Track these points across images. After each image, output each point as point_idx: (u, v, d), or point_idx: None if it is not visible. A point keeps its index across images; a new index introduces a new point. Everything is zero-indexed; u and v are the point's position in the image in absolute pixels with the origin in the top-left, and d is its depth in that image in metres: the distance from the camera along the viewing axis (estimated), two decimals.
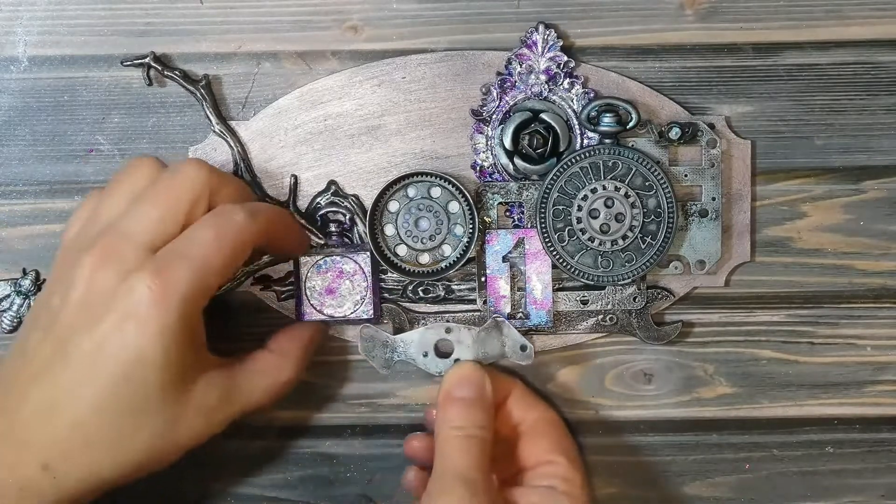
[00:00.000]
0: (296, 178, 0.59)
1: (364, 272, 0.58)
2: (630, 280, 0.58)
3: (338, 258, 0.58)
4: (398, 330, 0.59)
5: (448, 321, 0.59)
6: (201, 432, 0.53)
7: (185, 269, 0.50)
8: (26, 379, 0.51)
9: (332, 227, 0.59)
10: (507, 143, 0.58)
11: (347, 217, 0.59)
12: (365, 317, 0.58)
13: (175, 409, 0.51)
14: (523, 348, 0.58)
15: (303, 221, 0.59)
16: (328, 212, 0.59)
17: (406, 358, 0.58)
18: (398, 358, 0.58)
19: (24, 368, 0.51)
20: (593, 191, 0.57)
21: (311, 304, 0.58)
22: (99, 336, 0.49)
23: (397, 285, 0.60)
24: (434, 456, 0.55)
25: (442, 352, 0.58)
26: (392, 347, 0.58)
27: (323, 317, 0.58)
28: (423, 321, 0.59)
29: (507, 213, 0.59)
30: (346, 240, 0.59)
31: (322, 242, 0.59)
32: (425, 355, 0.58)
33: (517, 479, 0.57)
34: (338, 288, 0.58)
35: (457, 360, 0.58)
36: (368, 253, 0.58)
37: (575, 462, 0.57)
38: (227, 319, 0.59)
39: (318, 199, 0.59)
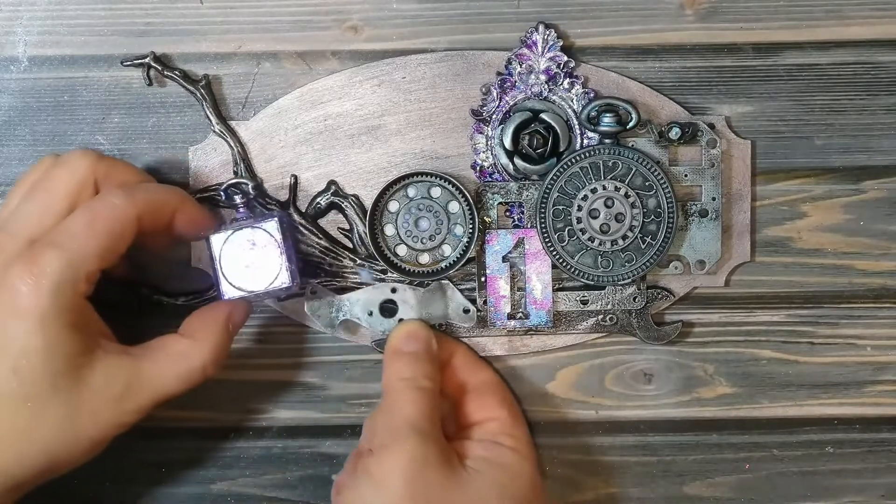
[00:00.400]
0: (296, 178, 0.59)
1: (276, 241, 0.56)
2: (630, 280, 0.58)
3: (247, 230, 0.55)
4: None
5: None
6: (110, 422, 0.52)
7: (56, 257, 0.50)
8: None
9: (237, 199, 0.57)
10: (507, 143, 0.58)
11: (251, 186, 0.58)
12: (284, 286, 0.55)
13: (72, 397, 0.51)
14: (466, 311, 0.59)
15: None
16: (231, 183, 0.58)
17: (351, 317, 0.58)
18: (343, 317, 0.58)
19: None
20: (593, 191, 0.57)
21: (229, 282, 0.55)
22: None
23: None
24: (381, 410, 0.56)
25: (387, 311, 0.59)
26: (337, 307, 0.58)
27: (242, 293, 0.55)
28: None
29: (507, 213, 0.59)
30: (257, 209, 0.58)
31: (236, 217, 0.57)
32: (370, 314, 0.59)
33: (462, 434, 0.57)
34: (253, 261, 0.55)
35: (401, 320, 0.58)
36: (276, 219, 0.55)
37: (518, 419, 0.58)
38: None
39: (317, 199, 0.59)
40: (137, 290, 0.59)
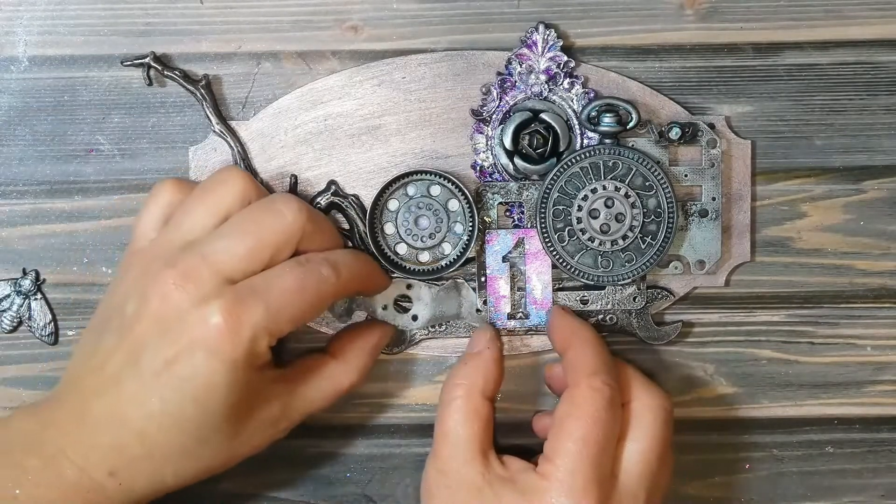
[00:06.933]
0: (296, 177, 0.59)
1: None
2: (630, 280, 0.58)
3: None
4: (399, 339, 0.59)
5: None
6: (264, 441, 0.54)
7: (261, 309, 0.50)
8: (96, 384, 0.51)
9: None
10: (507, 143, 0.58)
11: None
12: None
13: (238, 426, 0.52)
14: (479, 310, 0.59)
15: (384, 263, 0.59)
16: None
17: (365, 309, 0.59)
18: (357, 308, 0.59)
19: (95, 372, 0.52)
20: (593, 191, 0.57)
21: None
22: (170, 355, 0.50)
23: None
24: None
25: (400, 307, 0.59)
26: (352, 297, 0.59)
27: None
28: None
29: (507, 213, 0.59)
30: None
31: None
32: (384, 308, 0.59)
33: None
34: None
35: (415, 317, 0.59)
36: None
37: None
38: None
39: (317, 199, 0.59)
40: None
